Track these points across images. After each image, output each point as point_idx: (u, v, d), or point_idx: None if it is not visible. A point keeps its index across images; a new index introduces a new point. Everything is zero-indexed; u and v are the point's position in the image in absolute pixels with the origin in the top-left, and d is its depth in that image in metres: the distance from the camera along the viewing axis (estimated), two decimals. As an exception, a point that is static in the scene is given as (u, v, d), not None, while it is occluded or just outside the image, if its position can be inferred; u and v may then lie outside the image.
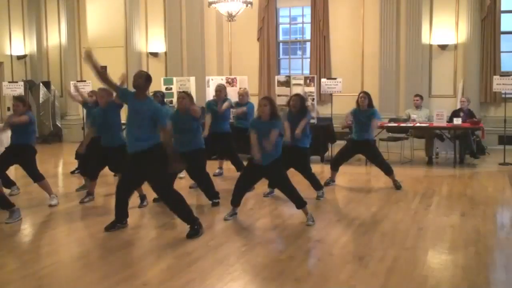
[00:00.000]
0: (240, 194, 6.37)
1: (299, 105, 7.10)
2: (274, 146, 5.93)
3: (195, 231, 5.60)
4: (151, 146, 5.49)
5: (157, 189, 5.82)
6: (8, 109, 13.63)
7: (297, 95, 7.36)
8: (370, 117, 7.78)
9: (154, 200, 7.06)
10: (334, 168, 8.25)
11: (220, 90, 8.59)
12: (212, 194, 7.00)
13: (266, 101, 6.09)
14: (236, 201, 6.35)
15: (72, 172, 9.36)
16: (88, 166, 7.36)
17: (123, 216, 5.92)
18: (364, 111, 7.90)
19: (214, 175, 8.63)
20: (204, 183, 7.04)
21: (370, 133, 7.88)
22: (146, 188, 6.24)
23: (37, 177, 7.08)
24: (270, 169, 6.06)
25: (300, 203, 6.09)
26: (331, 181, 8.21)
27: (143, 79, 5.57)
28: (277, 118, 6.07)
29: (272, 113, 6.03)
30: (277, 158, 6.05)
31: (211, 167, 8.27)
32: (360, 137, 7.92)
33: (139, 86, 5.56)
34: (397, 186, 7.88)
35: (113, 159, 7.05)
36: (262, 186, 7.71)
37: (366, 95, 8.02)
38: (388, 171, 7.99)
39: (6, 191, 7.19)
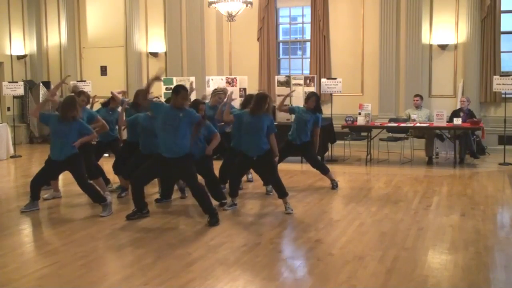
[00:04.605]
0: (237, 184, 6.90)
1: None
2: (265, 140, 6.53)
3: (216, 218, 6.05)
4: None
5: (189, 183, 6.33)
6: (8, 109, 13.64)
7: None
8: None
9: (156, 200, 7.12)
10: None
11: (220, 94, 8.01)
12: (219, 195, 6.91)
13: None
14: (234, 192, 6.81)
15: None
16: (125, 166, 7.28)
17: (143, 205, 6.37)
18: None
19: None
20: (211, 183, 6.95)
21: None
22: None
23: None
24: (261, 159, 6.56)
25: (282, 193, 6.59)
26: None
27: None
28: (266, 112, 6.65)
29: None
30: (268, 149, 6.57)
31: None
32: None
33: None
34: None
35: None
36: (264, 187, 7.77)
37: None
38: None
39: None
